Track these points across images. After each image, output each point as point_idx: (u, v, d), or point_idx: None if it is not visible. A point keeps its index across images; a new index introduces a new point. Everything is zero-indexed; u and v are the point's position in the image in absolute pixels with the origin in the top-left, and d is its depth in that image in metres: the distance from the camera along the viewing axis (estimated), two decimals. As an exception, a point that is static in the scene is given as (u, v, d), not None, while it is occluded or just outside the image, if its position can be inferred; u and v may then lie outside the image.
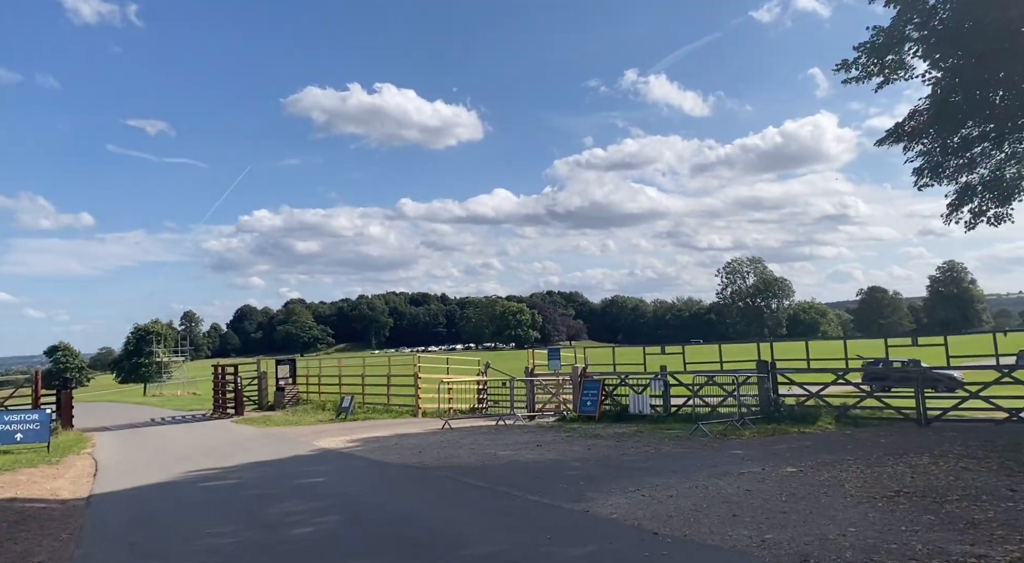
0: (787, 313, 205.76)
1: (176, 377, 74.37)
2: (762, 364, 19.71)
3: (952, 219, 21.37)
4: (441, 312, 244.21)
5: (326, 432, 21.21)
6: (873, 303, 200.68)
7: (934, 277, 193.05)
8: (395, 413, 26.94)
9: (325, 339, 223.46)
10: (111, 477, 14.32)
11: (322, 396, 32.32)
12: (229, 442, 20.00)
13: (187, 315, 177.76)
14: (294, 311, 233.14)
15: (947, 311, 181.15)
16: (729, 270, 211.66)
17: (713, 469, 10.96)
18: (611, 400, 22.28)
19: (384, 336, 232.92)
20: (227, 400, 31.32)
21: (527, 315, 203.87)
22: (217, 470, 14.36)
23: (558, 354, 24.63)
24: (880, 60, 18.65)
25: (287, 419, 26.07)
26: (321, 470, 13.64)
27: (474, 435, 18.10)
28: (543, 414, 23.52)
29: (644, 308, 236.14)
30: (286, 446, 18.10)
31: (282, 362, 33.33)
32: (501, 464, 12.70)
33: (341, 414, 25.79)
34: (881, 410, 18.42)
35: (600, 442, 15.16)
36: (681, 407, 20.79)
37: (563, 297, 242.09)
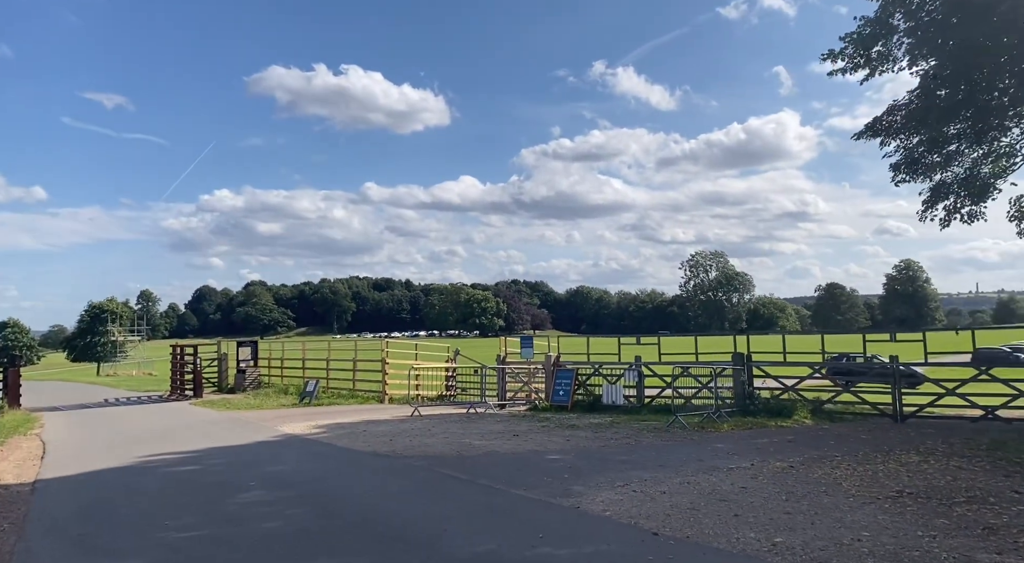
0: (747, 307, 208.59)
1: (131, 357, 72.37)
2: (738, 356, 19.44)
3: (927, 216, 21.34)
4: (405, 298, 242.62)
5: (289, 417, 20.45)
6: (831, 299, 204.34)
7: (891, 275, 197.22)
8: (361, 399, 26.24)
9: (286, 322, 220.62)
10: (60, 461, 13.45)
11: (284, 380, 31.42)
12: (187, 425, 19.13)
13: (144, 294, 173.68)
14: (255, 293, 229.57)
15: (902, 309, 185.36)
16: (692, 264, 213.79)
17: (699, 463, 10.56)
18: (584, 390, 21.88)
19: (346, 321, 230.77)
20: (185, 381, 30.28)
21: (492, 303, 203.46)
22: (175, 455, 13.58)
23: (531, 342, 24.14)
24: (866, 51, 18.39)
25: (248, 402, 25.20)
26: (286, 457, 12.95)
27: (445, 423, 17.53)
28: (514, 403, 23.04)
29: (608, 299, 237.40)
30: (248, 431, 17.34)
31: (244, 344, 32.31)
32: (478, 454, 12.15)
33: (305, 399, 25.00)
34: (855, 405, 18.30)
35: (578, 433, 14.71)
36: (655, 398, 20.49)
37: (528, 286, 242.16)
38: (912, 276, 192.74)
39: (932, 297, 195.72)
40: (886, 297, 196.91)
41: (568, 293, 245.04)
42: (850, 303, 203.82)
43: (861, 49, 18.23)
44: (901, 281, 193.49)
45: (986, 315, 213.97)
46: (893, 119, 20.79)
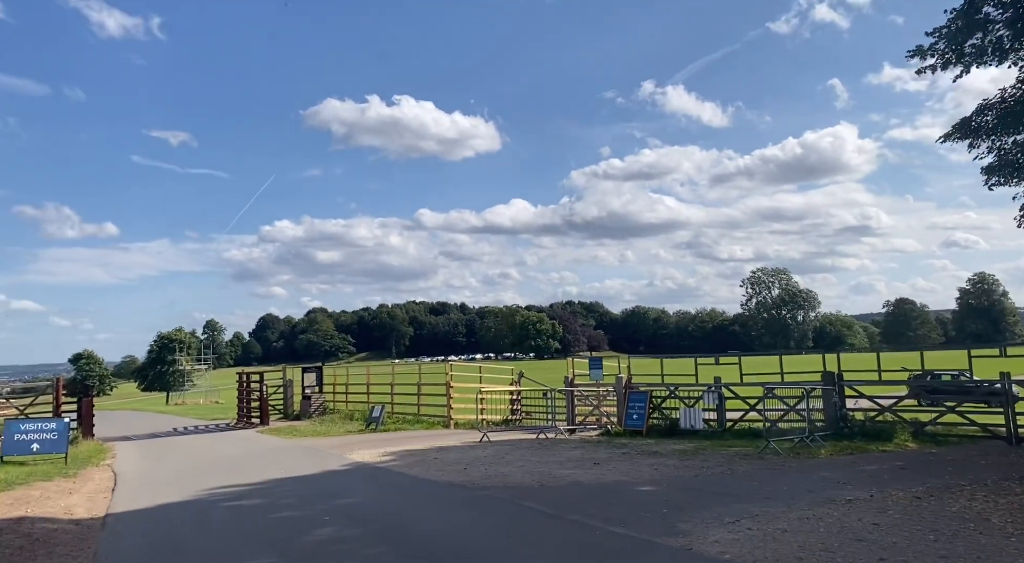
0: (813, 325, 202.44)
1: (198, 385, 73.66)
2: (828, 376, 18.23)
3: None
4: (461, 321, 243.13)
5: (357, 444, 19.98)
6: (901, 315, 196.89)
7: (964, 289, 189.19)
8: (426, 424, 25.68)
9: (346, 348, 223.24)
10: (130, 493, 13.16)
11: (349, 406, 31.12)
12: (255, 454, 18.82)
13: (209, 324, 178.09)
14: (316, 320, 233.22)
15: (978, 323, 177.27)
16: (753, 281, 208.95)
17: (811, 495, 9.56)
18: (659, 414, 20.88)
19: (404, 345, 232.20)
20: (252, 409, 30.24)
21: (547, 325, 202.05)
22: (244, 487, 13.15)
23: (600, 364, 23.26)
24: (959, 46, 17.19)
25: (314, 429, 24.88)
26: (359, 488, 12.37)
27: (518, 449, 16.77)
28: (584, 427, 22.15)
29: (666, 319, 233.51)
30: (317, 459, 16.88)
31: (308, 370, 32.21)
32: (561, 485, 11.35)
33: (371, 424, 24.56)
34: (958, 426, 16.89)
35: (663, 461, 13.77)
36: (737, 422, 19.36)
37: (583, 307, 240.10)
38: (987, 289, 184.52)
39: (1010, 311, 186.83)
40: (959, 312, 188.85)
41: (624, 313, 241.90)
42: (921, 319, 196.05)
43: (953, 44, 17.05)
44: (975, 295, 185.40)
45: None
46: (984, 119, 19.49)
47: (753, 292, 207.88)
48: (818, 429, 17.11)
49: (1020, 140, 19.32)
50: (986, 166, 19.79)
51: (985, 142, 19.59)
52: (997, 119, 19.12)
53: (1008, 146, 19.64)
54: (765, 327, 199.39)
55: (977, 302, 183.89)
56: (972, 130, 19.51)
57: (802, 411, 17.11)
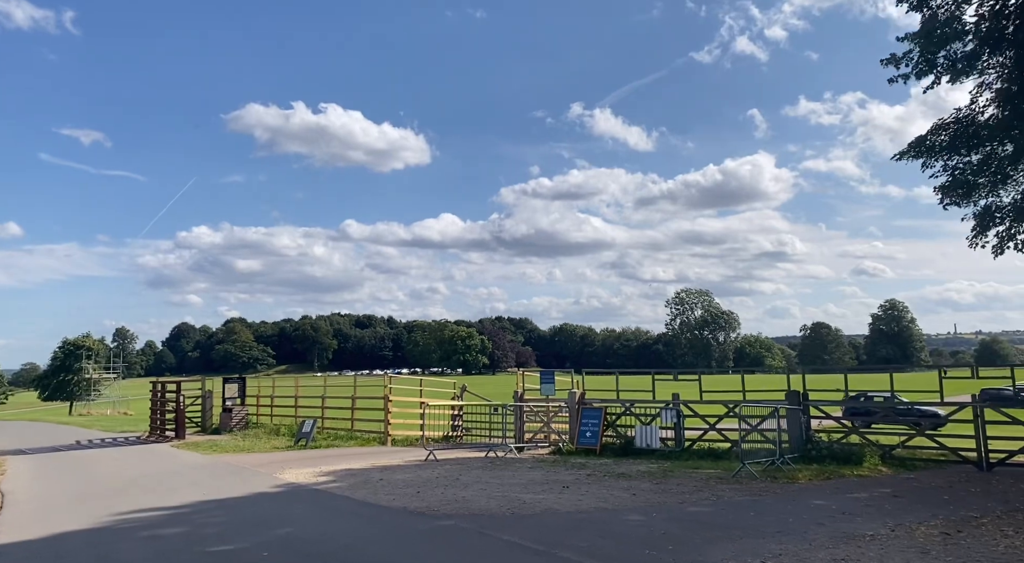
0: (734, 346, 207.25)
1: (106, 395, 69.01)
2: (793, 395, 17.51)
3: (978, 243, 19.81)
4: (388, 335, 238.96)
5: (287, 461, 18.13)
6: (818, 338, 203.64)
7: (876, 315, 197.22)
8: (361, 440, 23.90)
9: (266, 359, 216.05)
10: (19, 519, 11.14)
11: (274, 420, 28.99)
12: (172, 472, 16.77)
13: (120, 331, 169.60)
14: (234, 330, 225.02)
15: (888, 348, 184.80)
16: (677, 301, 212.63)
17: (823, 528, 8.53)
18: (614, 431, 19.81)
19: (327, 358, 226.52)
20: (166, 421, 27.75)
21: (476, 340, 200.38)
22: (161, 512, 11.31)
23: (552, 378, 22.04)
24: (932, 55, 16.85)
25: (237, 445, 22.79)
26: (297, 515, 10.73)
27: (470, 469, 15.35)
28: (534, 445, 20.87)
29: (593, 336, 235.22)
30: (244, 479, 15.04)
31: (230, 380, 29.90)
32: (535, 512, 10.01)
33: (300, 440, 22.64)
34: (922, 449, 16.38)
35: (635, 484, 12.61)
36: (696, 441, 18.45)
37: (512, 323, 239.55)
38: (897, 316, 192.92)
39: (917, 337, 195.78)
40: (871, 336, 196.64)
41: (552, 330, 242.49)
42: (836, 343, 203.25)
43: (926, 52, 16.70)
44: (886, 320, 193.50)
45: (967, 356, 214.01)
46: (938, 138, 19.33)
47: (677, 312, 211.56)
48: (784, 450, 16.35)
49: (972, 160, 19.22)
50: (940, 186, 19.63)
51: (939, 161, 19.45)
52: (951, 139, 18.98)
53: (961, 166, 19.54)
54: (688, 347, 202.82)
55: (888, 328, 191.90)
56: (926, 149, 19.32)
57: (771, 432, 16.28)
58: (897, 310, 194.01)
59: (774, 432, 17.08)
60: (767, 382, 21.41)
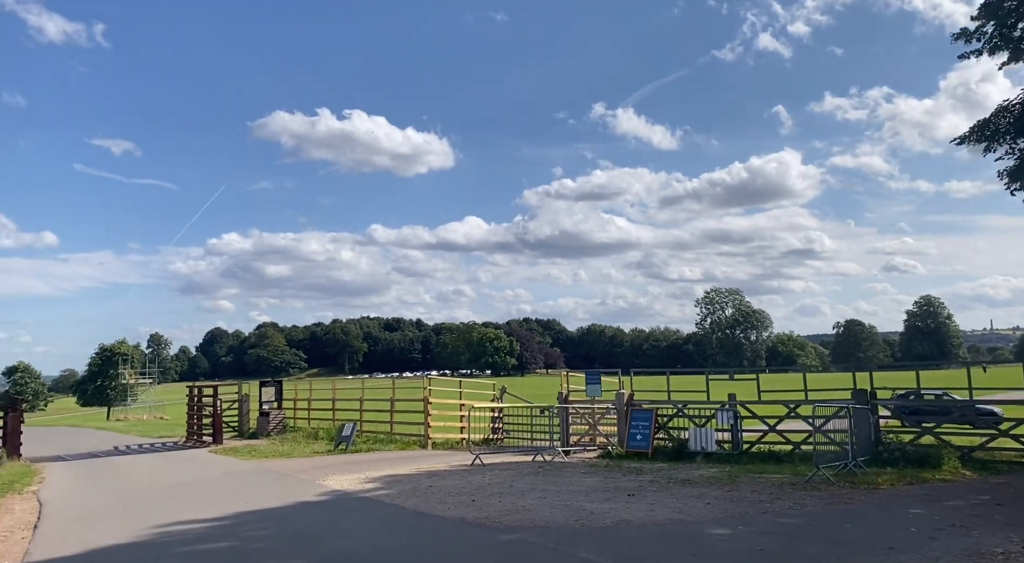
0: (766, 345, 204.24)
1: (143, 400, 69.43)
2: (860, 394, 16.52)
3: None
4: (417, 338, 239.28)
5: (329, 467, 17.53)
6: (851, 336, 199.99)
7: (911, 311, 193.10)
8: (401, 444, 23.29)
9: (298, 363, 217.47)
10: (57, 531, 10.61)
11: (312, 423, 28.52)
12: (212, 479, 16.24)
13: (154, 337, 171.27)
14: (266, 334, 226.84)
15: (923, 345, 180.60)
16: (707, 301, 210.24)
17: (937, 542, 7.64)
18: (665, 433, 18.95)
19: (358, 361, 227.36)
20: (203, 426, 27.39)
21: (505, 342, 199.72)
22: (203, 524, 10.71)
23: (598, 378, 21.19)
24: (1008, 29, 15.78)
25: (276, 449, 22.27)
26: (348, 527, 10.05)
27: (522, 475, 14.60)
28: (583, 448, 20.08)
29: (621, 337, 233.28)
30: (286, 486, 14.44)
31: (267, 384, 29.51)
32: (606, 525, 9.23)
33: (340, 444, 22.06)
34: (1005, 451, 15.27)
35: (704, 491, 11.76)
36: (755, 444, 17.53)
37: (540, 324, 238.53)
38: (933, 312, 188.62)
39: (955, 333, 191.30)
40: (906, 333, 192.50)
41: (580, 331, 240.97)
42: (871, 340, 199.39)
43: (1001, 26, 15.64)
44: (922, 317, 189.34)
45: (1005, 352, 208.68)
46: (1001, 121, 18.23)
47: (707, 312, 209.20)
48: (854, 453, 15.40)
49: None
50: (1007, 169, 18.51)
51: (1003, 145, 18.37)
52: (1016, 120, 17.89)
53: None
54: (719, 346, 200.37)
55: (923, 324, 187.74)
56: (990, 132, 18.24)
57: (838, 433, 15.33)
58: (933, 306, 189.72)
59: (842, 433, 16.17)
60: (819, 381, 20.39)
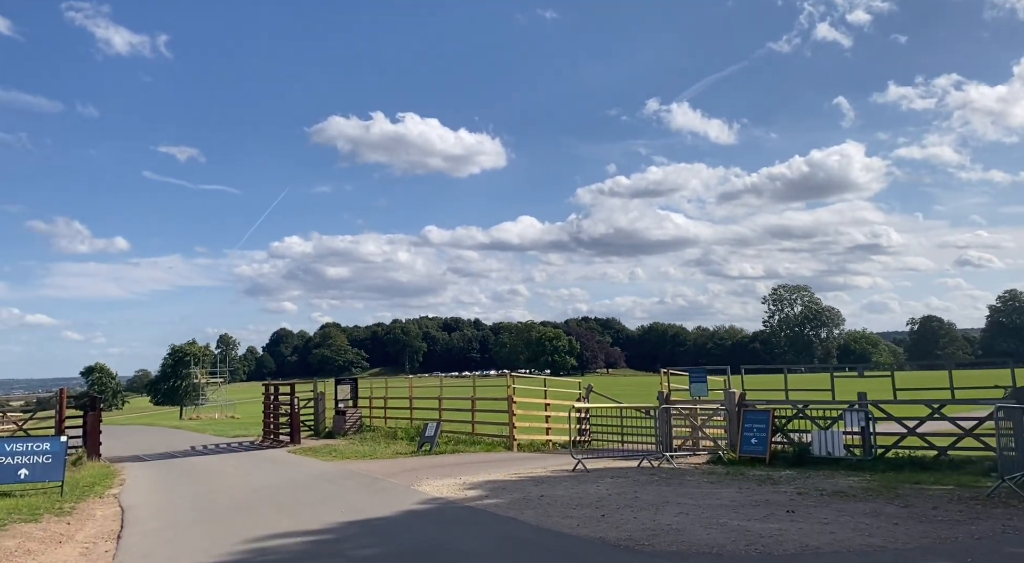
0: (837, 343, 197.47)
1: (214, 400, 70.18)
2: (1020, 392, 14.47)
3: None
4: (475, 337, 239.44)
5: (419, 470, 16.30)
6: (928, 333, 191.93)
7: (994, 307, 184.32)
8: (485, 445, 21.99)
9: (360, 363, 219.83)
10: (142, 543, 9.56)
11: (388, 422, 27.50)
12: (298, 483, 15.17)
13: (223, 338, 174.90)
14: (330, 334, 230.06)
15: (1009, 342, 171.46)
16: (775, 298, 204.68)
17: None
18: (783, 437, 17.13)
19: (418, 361, 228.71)
20: (280, 426, 26.63)
21: (564, 341, 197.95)
22: (300, 537, 9.50)
23: (704, 377, 19.48)
24: None
25: (356, 450, 21.23)
26: (467, 543, 8.70)
27: (640, 484, 13.08)
28: (686, 452, 18.40)
29: (684, 335, 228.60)
30: (380, 492, 13.22)
31: (342, 382, 28.66)
32: (789, 552, 7.63)
33: (424, 445, 20.87)
34: None
35: (872, 506, 10.03)
36: (891, 448, 15.59)
37: (599, 323, 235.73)
38: (1019, 307, 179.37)
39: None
40: (988, 330, 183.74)
41: (640, 330, 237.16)
42: (949, 336, 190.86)
43: None
44: (1007, 313, 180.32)
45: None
46: None
47: (775, 309, 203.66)
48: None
49: None
50: None
51: None
52: None
53: None
54: (788, 344, 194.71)
55: (1008, 320, 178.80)
56: None
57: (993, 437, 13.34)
58: (1019, 301, 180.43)
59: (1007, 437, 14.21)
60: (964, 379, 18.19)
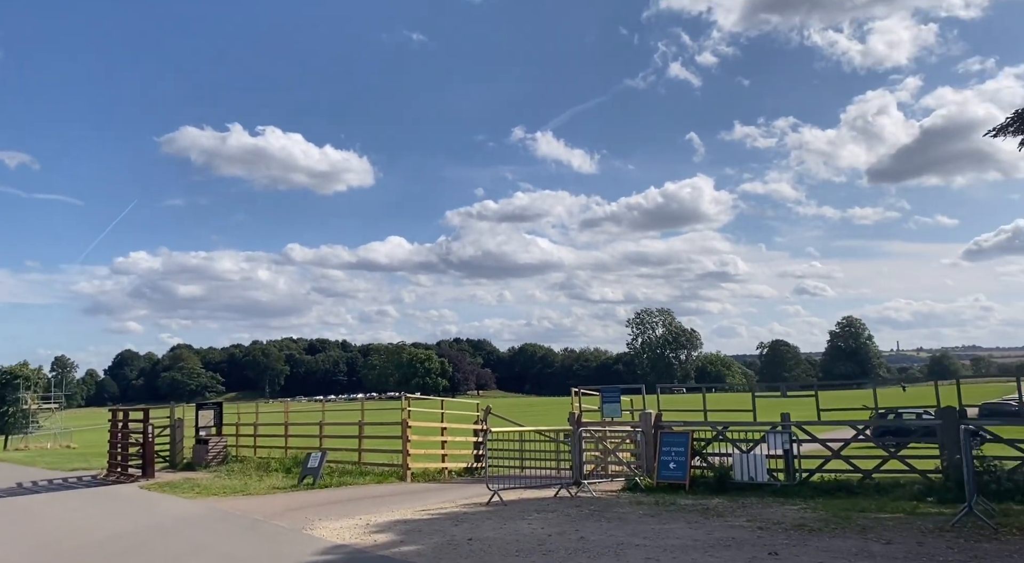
0: (695, 364, 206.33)
1: (46, 428, 62.60)
2: (947, 412, 14.19)
3: None
4: (342, 359, 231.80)
5: (306, 508, 14.01)
6: (777, 356, 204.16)
7: (833, 332, 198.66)
8: (375, 476, 19.79)
9: (215, 387, 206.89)
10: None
11: (259, 452, 24.61)
12: (159, 529, 12.50)
13: (59, 360, 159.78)
14: (181, 356, 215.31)
15: (846, 365, 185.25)
16: (638, 321, 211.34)
17: None
18: (702, 460, 16.20)
19: (279, 384, 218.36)
20: (129, 457, 23.11)
21: (436, 363, 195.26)
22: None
23: (617, 397, 18.37)
24: None
25: (225, 485, 18.48)
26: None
27: (574, 520, 11.54)
28: (599, 479, 17.08)
29: (552, 357, 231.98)
30: (267, 540, 10.94)
31: (204, 406, 25.49)
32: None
33: (307, 478, 18.42)
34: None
35: (856, 544, 8.98)
36: (815, 472, 14.92)
37: (471, 345, 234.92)
38: (855, 333, 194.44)
39: (875, 354, 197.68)
40: (828, 353, 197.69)
41: (511, 352, 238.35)
42: (795, 360, 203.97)
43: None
44: (844, 337, 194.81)
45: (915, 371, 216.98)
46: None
47: (639, 332, 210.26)
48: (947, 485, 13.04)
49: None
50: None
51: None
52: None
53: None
54: (650, 365, 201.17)
55: (845, 345, 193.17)
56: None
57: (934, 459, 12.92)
58: (854, 327, 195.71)
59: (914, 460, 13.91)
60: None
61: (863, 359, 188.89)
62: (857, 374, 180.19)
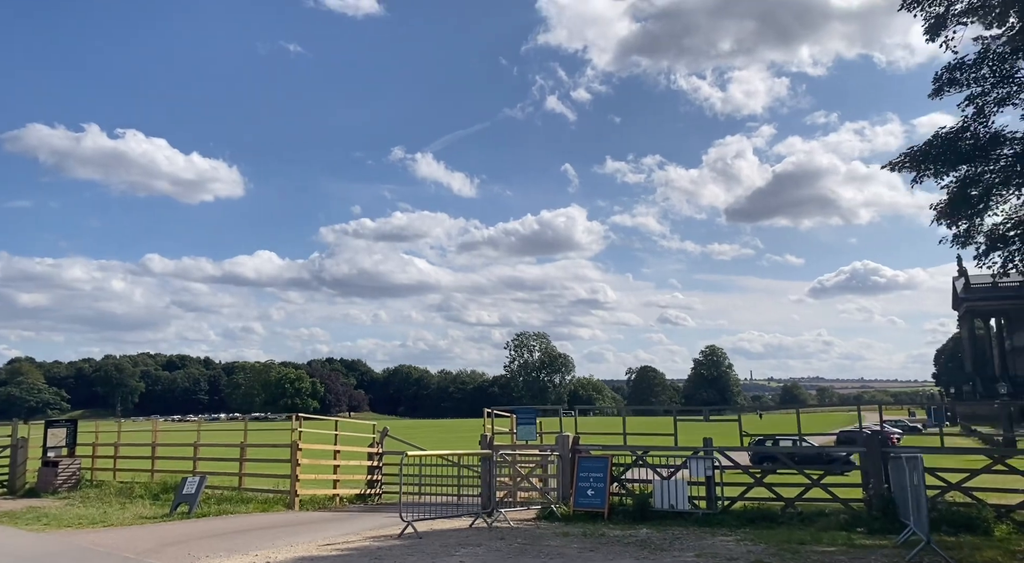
0: (568, 388, 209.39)
1: None
2: (871, 439, 14.11)
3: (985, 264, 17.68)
4: (204, 377, 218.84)
5: (188, 542, 12.06)
6: (644, 382, 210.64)
7: (698, 359, 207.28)
8: (259, 504, 17.77)
9: (59, 403, 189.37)
10: None
11: (120, 476, 21.81)
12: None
13: None
14: (20, 370, 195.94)
15: (708, 392, 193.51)
16: (517, 344, 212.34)
17: None
18: (621, 487, 15.44)
19: (133, 402, 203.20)
20: (-41, 483, 19.88)
21: (307, 383, 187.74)
22: None
23: (533, 419, 17.36)
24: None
25: (80, 514, 15.98)
26: None
27: (501, 555, 10.39)
28: (515, 507, 15.95)
29: (428, 379, 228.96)
30: (144, 586, 9.10)
31: (55, 425, 22.53)
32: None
33: (181, 505, 16.19)
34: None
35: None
36: (737, 500, 14.45)
37: (344, 365, 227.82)
38: (716, 361, 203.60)
39: (734, 382, 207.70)
40: (691, 380, 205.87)
41: (386, 373, 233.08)
42: (662, 385, 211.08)
43: None
44: (707, 365, 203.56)
45: (767, 399, 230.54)
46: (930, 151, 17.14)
47: (516, 355, 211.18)
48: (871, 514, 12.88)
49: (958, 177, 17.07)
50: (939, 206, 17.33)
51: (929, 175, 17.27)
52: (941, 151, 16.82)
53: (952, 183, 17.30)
54: (525, 388, 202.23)
55: (707, 372, 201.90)
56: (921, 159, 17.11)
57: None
58: (717, 356, 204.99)
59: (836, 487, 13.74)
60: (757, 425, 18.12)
61: (723, 386, 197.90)
62: (718, 400, 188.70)
